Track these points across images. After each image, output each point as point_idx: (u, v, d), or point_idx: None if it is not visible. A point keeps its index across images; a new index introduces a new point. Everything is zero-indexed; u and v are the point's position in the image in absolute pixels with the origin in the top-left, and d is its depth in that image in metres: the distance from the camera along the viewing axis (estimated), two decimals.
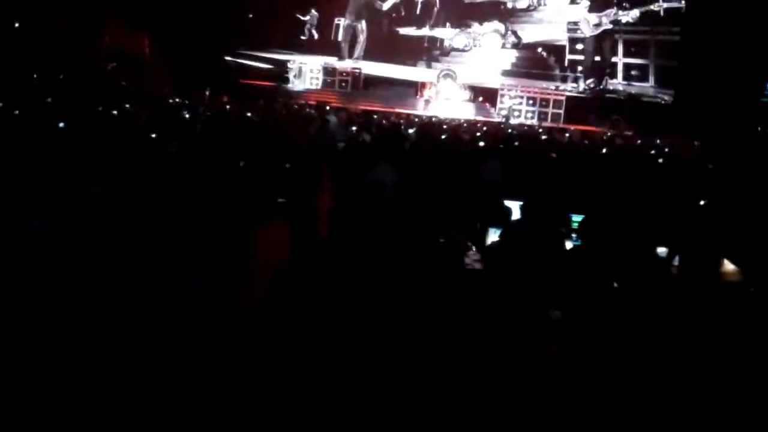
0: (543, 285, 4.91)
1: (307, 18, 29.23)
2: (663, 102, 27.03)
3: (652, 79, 28.10)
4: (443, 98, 26.75)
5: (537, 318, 4.58)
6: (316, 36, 29.63)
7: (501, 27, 30.36)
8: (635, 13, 27.41)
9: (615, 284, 5.08)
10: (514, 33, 30.18)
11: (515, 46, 30.25)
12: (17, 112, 9.70)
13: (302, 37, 29.50)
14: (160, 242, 4.06)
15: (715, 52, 23.53)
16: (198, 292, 3.58)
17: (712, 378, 4.38)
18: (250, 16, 28.27)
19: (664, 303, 4.74)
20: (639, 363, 4.34)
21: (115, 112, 11.17)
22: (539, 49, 30.17)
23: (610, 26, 28.08)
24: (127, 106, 12.08)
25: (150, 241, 4.27)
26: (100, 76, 19.77)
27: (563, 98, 26.88)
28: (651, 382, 4.29)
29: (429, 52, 30.89)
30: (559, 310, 4.75)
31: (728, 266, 6.44)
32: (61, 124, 8.72)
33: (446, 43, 30.92)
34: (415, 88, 28.00)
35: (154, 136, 8.69)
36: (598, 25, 28.25)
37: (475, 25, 30.58)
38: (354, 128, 13.19)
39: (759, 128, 23.36)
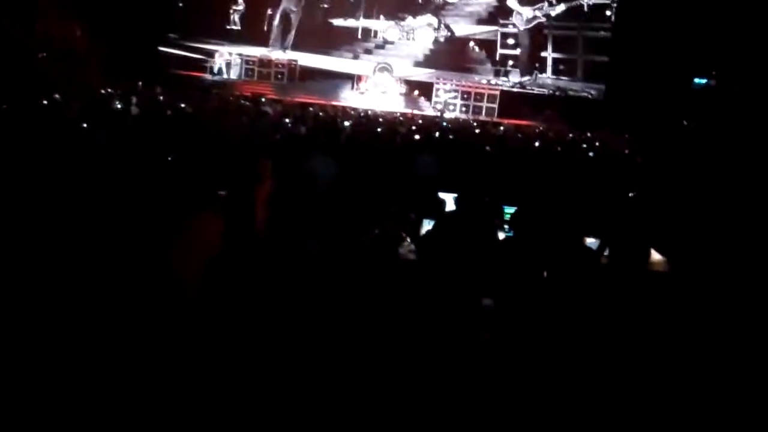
0: (475, 275, 4.98)
1: (239, 7, 29.01)
2: (591, 96, 27.61)
3: (580, 73, 28.70)
4: (379, 91, 26.74)
5: (469, 307, 4.64)
6: (239, 26, 29.34)
7: (434, 20, 30.47)
8: (561, 7, 27.95)
9: (545, 274, 5.19)
10: (447, 26, 30.34)
11: (448, 39, 30.46)
12: None
13: (229, 27, 29.20)
14: (86, 232, 4.00)
15: (644, 48, 24.15)
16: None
17: (639, 365, 4.51)
18: (180, 5, 27.87)
19: (592, 291, 4.86)
20: (568, 351, 4.44)
21: (44, 102, 10.88)
22: (471, 44, 30.47)
23: (544, 20, 28.53)
24: (57, 96, 11.75)
25: (76, 231, 4.21)
26: (29, 66, 19.23)
27: (497, 93, 27.22)
28: (580, 369, 4.39)
29: (362, 43, 30.93)
30: (490, 299, 4.82)
31: (656, 256, 6.62)
32: None
33: (379, 35, 30.95)
34: (351, 80, 27.95)
35: (84, 126, 8.50)
36: (531, 20, 28.65)
37: (409, 18, 30.68)
38: (289, 120, 13.13)
39: (685, 122, 24.09)
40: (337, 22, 30.41)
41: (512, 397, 4.33)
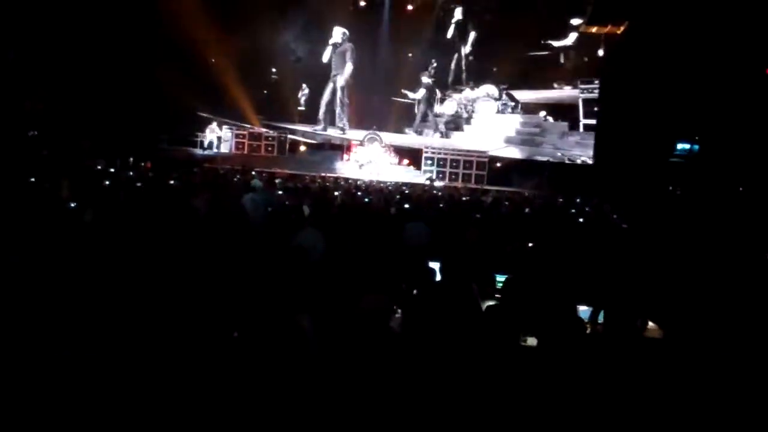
0: (458, 345, 4.95)
1: (305, 92, 31.30)
2: (581, 163, 27.90)
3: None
4: (368, 161, 26.85)
5: (458, 381, 4.59)
6: (305, 108, 31.37)
7: (493, 90, 30.56)
8: None
9: (534, 342, 5.17)
10: (510, 95, 30.34)
11: (514, 109, 30.43)
12: None
13: (299, 108, 31.35)
14: (71, 314, 3.97)
15: (629, 113, 24.53)
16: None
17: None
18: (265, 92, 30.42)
19: (584, 360, 4.83)
20: (559, 420, 4.38)
21: (32, 180, 10.92)
22: (542, 113, 30.38)
23: None
24: (47, 174, 11.80)
25: (61, 311, 4.18)
26: (18, 144, 19.39)
27: (486, 160, 27.43)
28: None
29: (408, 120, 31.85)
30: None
31: (650, 324, 6.59)
32: None
33: (437, 110, 31.50)
34: (341, 151, 28.18)
35: (73, 205, 8.50)
36: None
37: (466, 90, 31.02)
38: (280, 192, 13.20)
39: (670, 187, 24.35)
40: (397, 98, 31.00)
41: None
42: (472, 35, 30.69)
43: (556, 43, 29.66)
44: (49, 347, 3.82)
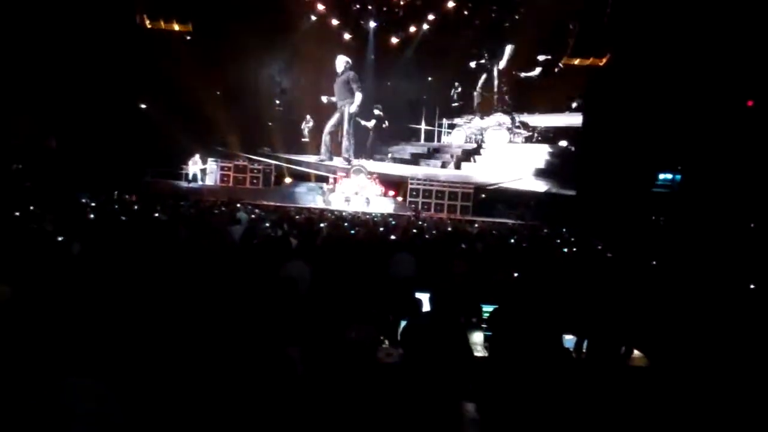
0: (448, 377, 4.95)
1: (309, 123, 31.92)
2: (565, 195, 27.92)
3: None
4: (353, 192, 26.79)
5: (451, 412, 4.60)
6: (308, 139, 31.90)
7: (505, 119, 30.23)
8: None
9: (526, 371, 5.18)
10: (523, 123, 29.99)
11: (528, 139, 30.00)
12: None
13: (304, 139, 32.02)
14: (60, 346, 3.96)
15: (611, 144, 24.71)
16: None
17: None
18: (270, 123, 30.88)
19: (570, 388, 4.86)
20: None
21: (17, 213, 10.89)
22: (562, 142, 29.69)
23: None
24: (32, 208, 11.78)
25: (49, 345, 4.17)
26: (3, 178, 19.34)
27: (471, 191, 27.42)
28: None
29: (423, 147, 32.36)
30: (471, 403, 4.78)
31: (635, 352, 6.63)
32: None
33: (443, 138, 31.76)
34: (326, 183, 28.13)
35: (60, 239, 8.49)
36: None
37: (475, 119, 30.86)
38: (267, 224, 13.19)
39: (653, 217, 24.50)
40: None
41: None
42: (509, 48, 30.45)
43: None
44: (39, 378, 3.81)
